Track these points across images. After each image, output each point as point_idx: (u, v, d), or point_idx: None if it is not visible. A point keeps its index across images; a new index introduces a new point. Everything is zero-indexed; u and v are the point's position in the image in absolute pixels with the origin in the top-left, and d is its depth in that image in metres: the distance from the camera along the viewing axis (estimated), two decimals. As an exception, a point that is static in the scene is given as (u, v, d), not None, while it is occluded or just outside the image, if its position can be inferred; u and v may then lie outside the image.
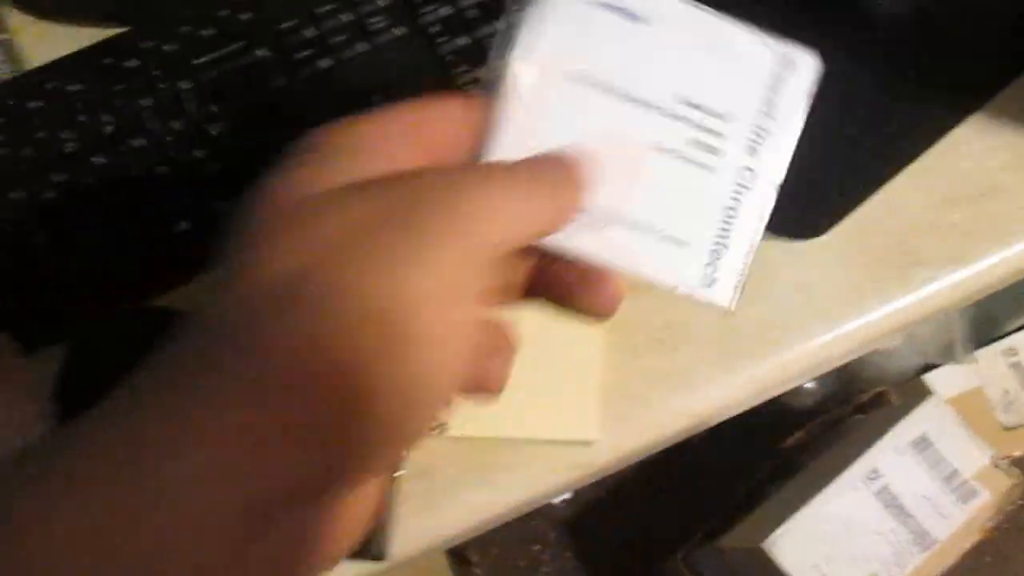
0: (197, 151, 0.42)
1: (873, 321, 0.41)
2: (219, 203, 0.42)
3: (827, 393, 1.04)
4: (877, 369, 1.00)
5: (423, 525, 0.38)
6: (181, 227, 0.41)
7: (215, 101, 0.42)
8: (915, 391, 0.92)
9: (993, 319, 0.99)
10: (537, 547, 1.04)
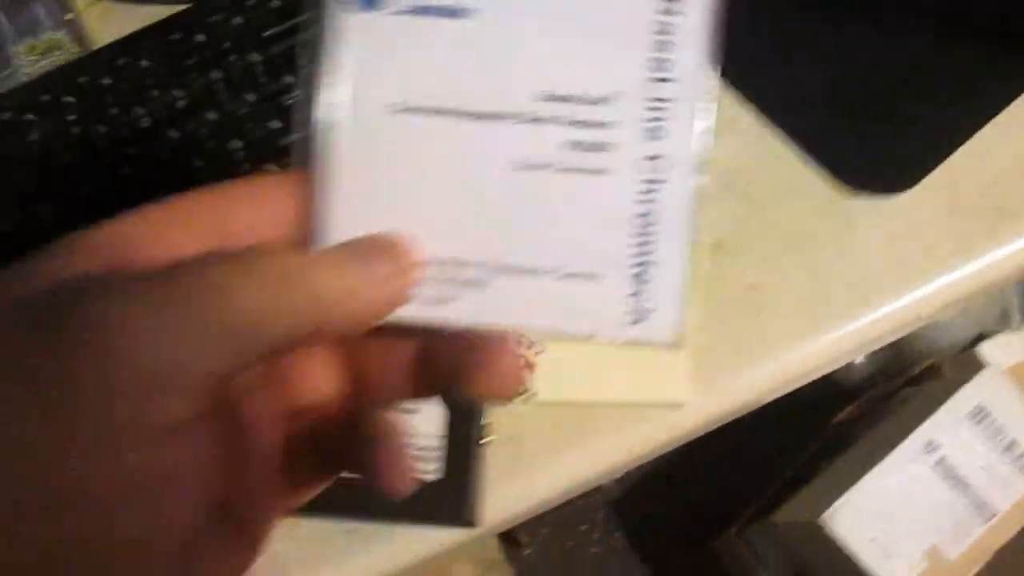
0: (273, 123, 0.42)
1: (961, 277, 0.40)
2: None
3: (876, 367, 1.02)
4: (926, 342, 0.98)
5: (513, 491, 0.37)
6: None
7: (289, 72, 0.42)
8: (968, 362, 0.91)
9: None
10: (586, 527, 1.04)
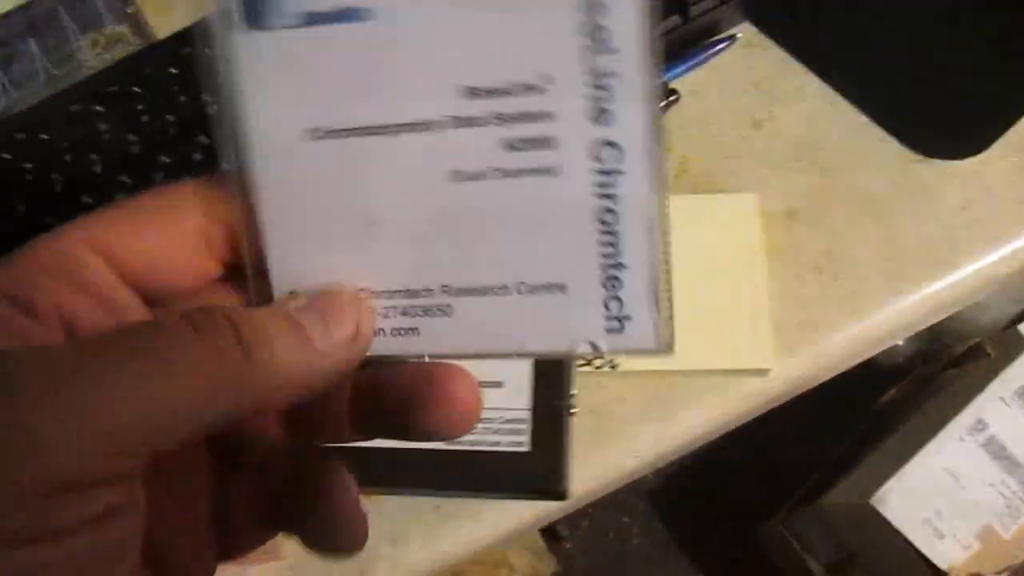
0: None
1: (1039, 237, 0.40)
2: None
3: (916, 350, 1.02)
4: (965, 323, 0.97)
5: (600, 462, 0.37)
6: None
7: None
8: (1012, 341, 0.90)
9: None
10: (627, 519, 1.03)
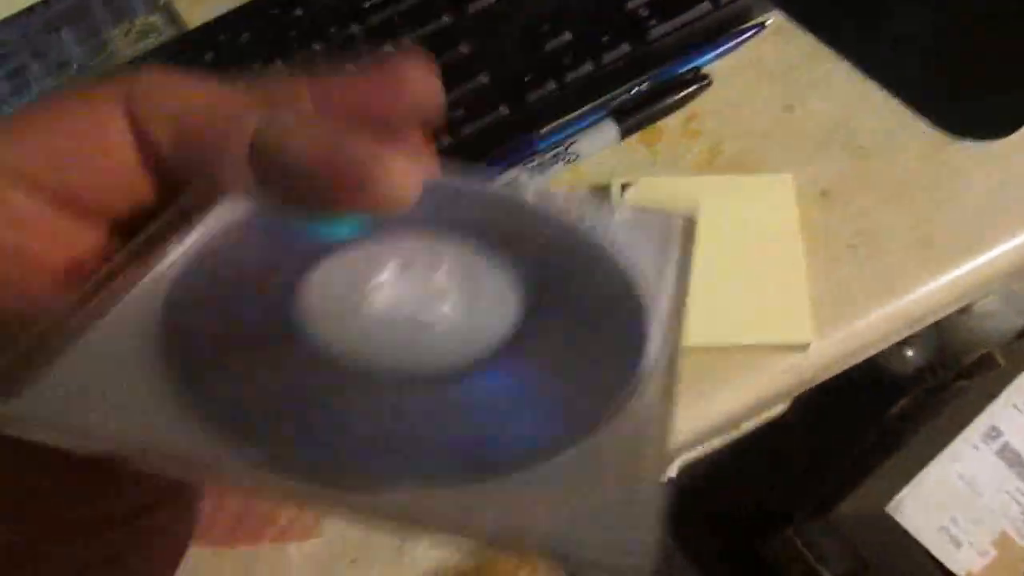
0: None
1: (1069, 218, 0.40)
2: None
3: (925, 362, 1.02)
4: (973, 333, 0.98)
5: (640, 438, 0.37)
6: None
7: (389, 42, 0.43)
8: (1022, 351, 0.90)
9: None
10: (637, 533, 1.02)
